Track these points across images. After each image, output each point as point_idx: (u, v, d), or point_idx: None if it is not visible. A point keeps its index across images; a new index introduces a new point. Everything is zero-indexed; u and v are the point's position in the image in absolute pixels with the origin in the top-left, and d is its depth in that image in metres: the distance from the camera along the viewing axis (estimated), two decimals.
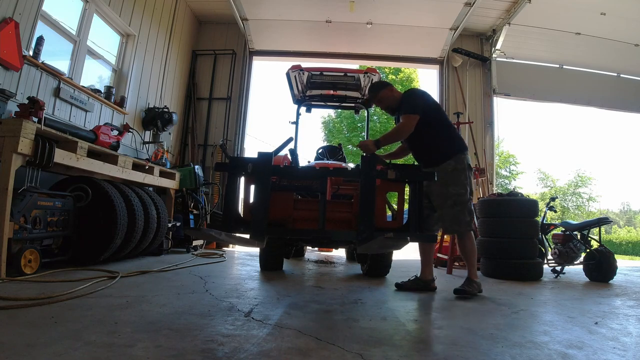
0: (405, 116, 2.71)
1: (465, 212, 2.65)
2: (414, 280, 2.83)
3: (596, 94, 7.16)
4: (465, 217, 2.65)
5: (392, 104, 2.95)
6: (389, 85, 3.00)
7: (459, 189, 2.66)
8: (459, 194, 2.66)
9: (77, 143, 2.90)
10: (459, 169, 2.69)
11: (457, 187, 2.66)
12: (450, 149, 2.76)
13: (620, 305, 2.56)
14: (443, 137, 2.79)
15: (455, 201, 2.65)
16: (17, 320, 1.51)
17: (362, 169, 2.52)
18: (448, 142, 2.78)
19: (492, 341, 1.58)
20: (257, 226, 2.40)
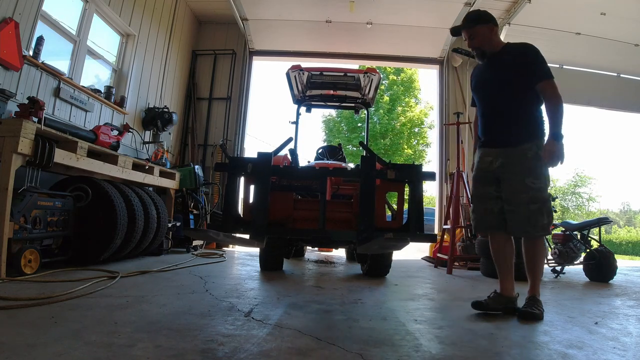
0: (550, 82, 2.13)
1: (544, 213, 2.10)
2: (494, 297, 2.19)
3: (596, 93, 7.16)
4: (543, 218, 2.09)
5: (485, 47, 2.31)
6: (491, 23, 2.35)
7: (539, 182, 2.10)
8: (538, 188, 2.10)
9: (77, 143, 2.90)
10: (541, 158, 2.11)
11: (537, 179, 2.10)
12: (538, 129, 2.18)
13: (620, 305, 2.56)
14: (534, 112, 2.20)
15: (532, 197, 2.09)
16: (17, 320, 1.51)
17: (361, 169, 2.53)
18: (538, 121, 2.19)
19: (492, 341, 1.58)
20: (257, 226, 2.41)
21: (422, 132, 17.82)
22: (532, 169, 2.11)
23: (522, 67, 2.17)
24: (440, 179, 6.62)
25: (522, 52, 2.21)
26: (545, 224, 2.11)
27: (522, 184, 2.11)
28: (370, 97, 4.49)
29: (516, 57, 2.20)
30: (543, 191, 2.11)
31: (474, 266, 4.31)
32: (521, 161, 2.13)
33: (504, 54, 2.25)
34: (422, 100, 18.54)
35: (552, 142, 2.06)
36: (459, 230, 4.94)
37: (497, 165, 2.21)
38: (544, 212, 2.10)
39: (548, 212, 2.12)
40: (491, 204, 2.24)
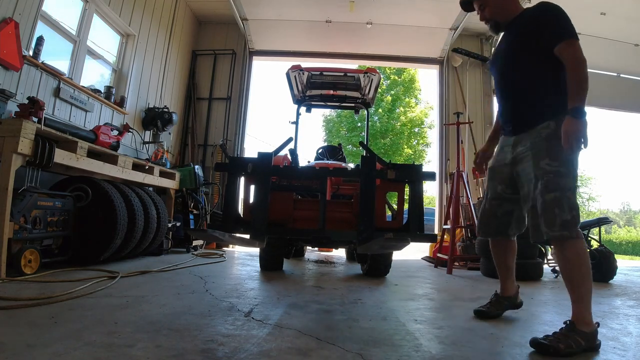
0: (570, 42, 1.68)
1: (564, 205, 1.61)
2: (495, 301, 2.06)
3: (596, 93, 7.10)
4: (563, 212, 1.60)
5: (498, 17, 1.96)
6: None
7: (557, 165, 1.65)
8: (557, 172, 1.64)
9: (77, 143, 2.90)
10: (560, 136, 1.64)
11: (555, 161, 1.66)
12: (557, 104, 1.72)
13: (620, 305, 2.56)
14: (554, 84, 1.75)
15: (547, 183, 1.64)
16: (17, 320, 1.51)
17: (362, 169, 2.53)
18: (558, 95, 1.73)
19: (492, 341, 1.58)
20: (257, 226, 2.41)
21: (422, 132, 17.84)
22: (547, 149, 1.68)
23: (536, 31, 1.76)
24: (440, 179, 6.63)
25: (536, 13, 1.80)
26: (568, 219, 1.59)
27: (536, 168, 1.69)
28: (370, 97, 4.49)
29: (530, 20, 1.81)
30: (563, 176, 1.63)
31: (474, 266, 4.31)
32: (536, 141, 1.73)
33: (518, 20, 1.88)
34: (422, 100, 18.58)
35: (570, 121, 1.60)
36: (459, 230, 4.94)
37: (509, 160, 1.87)
38: (563, 203, 1.60)
39: (571, 206, 1.61)
40: (496, 205, 1.97)
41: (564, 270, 1.65)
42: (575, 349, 1.45)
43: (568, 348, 1.44)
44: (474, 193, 5.67)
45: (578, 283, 1.61)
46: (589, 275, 1.61)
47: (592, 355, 1.45)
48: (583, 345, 1.47)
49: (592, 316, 1.56)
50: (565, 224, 1.60)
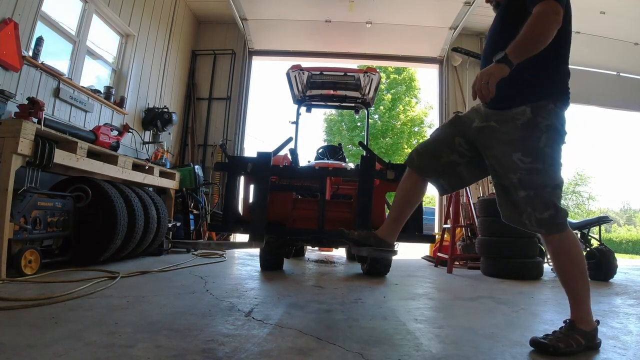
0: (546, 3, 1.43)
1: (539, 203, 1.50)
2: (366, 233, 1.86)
3: (596, 92, 7.15)
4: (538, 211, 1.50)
5: None
6: None
7: (531, 160, 1.51)
8: (529, 170, 1.51)
9: (77, 143, 2.90)
10: (539, 126, 1.51)
11: (528, 156, 1.52)
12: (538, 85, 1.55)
13: (620, 304, 2.56)
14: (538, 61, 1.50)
15: (520, 181, 1.52)
16: (18, 320, 1.51)
17: (361, 169, 2.53)
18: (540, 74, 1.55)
19: (492, 340, 1.58)
20: (256, 226, 2.41)
21: (422, 132, 17.84)
22: (521, 141, 1.53)
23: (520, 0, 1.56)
24: None
25: None
26: (545, 217, 1.50)
27: (509, 161, 1.55)
28: (370, 97, 4.49)
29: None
30: (539, 173, 1.51)
31: (474, 265, 4.31)
32: (510, 130, 1.55)
33: None
34: (422, 99, 18.59)
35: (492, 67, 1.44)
36: (459, 229, 4.94)
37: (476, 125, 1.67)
38: (539, 201, 1.50)
39: (548, 203, 1.50)
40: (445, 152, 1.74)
41: (556, 268, 1.62)
42: (576, 348, 1.43)
43: (568, 347, 1.43)
44: (473, 192, 5.67)
45: (572, 281, 1.57)
46: (581, 273, 1.56)
47: (592, 354, 1.45)
48: (583, 344, 1.45)
49: (591, 315, 1.53)
50: (540, 223, 1.51)
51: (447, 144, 1.75)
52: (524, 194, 1.53)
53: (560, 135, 1.56)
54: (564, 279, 1.59)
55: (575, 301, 1.55)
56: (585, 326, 1.49)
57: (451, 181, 1.81)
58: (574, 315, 1.54)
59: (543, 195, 1.51)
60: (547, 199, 1.51)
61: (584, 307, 1.54)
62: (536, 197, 1.51)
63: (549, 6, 1.44)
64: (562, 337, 1.46)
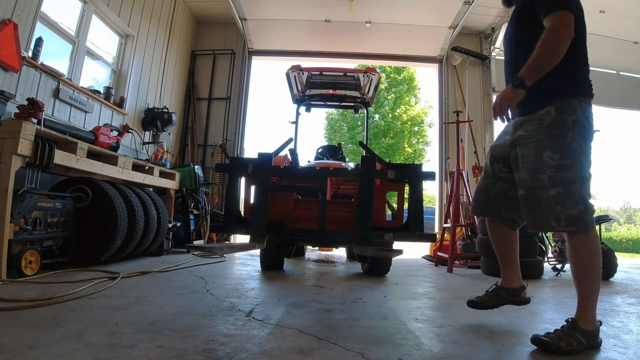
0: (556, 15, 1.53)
1: (569, 199, 1.52)
2: (492, 292, 1.89)
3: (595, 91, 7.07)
4: (568, 207, 1.52)
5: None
6: None
7: (561, 157, 1.54)
8: (559, 165, 1.54)
9: (77, 144, 2.90)
10: (565, 123, 1.57)
11: (557, 153, 1.55)
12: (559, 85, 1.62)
13: (620, 302, 2.56)
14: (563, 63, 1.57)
15: (551, 179, 1.54)
16: (18, 321, 1.51)
17: (361, 169, 2.53)
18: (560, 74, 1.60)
19: (493, 339, 1.58)
20: (257, 227, 2.41)
21: (422, 131, 17.85)
22: (550, 139, 1.56)
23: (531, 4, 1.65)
24: (441, 178, 6.63)
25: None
26: (574, 214, 1.50)
27: (539, 161, 1.56)
28: (370, 97, 4.49)
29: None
30: (567, 169, 1.53)
31: (475, 265, 4.31)
32: (537, 130, 1.59)
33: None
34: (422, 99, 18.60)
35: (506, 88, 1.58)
36: (460, 228, 4.94)
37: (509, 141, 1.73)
38: (568, 198, 1.51)
39: (577, 199, 1.51)
40: (490, 183, 1.84)
41: (573, 265, 1.58)
42: (577, 347, 1.43)
43: (569, 346, 1.42)
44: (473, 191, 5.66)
45: (586, 280, 1.54)
46: (597, 273, 1.54)
47: (592, 353, 1.45)
48: (585, 343, 1.44)
49: (595, 315, 1.52)
50: (570, 220, 1.51)
51: (490, 176, 1.85)
52: (554, 192, 1.53)
53: (587, 130, 1.60)
54: (579, 276, 1.55)
55: (582, 299, 1.53)
56: (587, 326, 1.48)
57: (510, 208, 1.81)
58: (578, 313, 1.52)
59: (572, 191, 1.53)
60: (576, 194, 1.53)
61: (590, 307, 1.52)
62: (565, 193, 1.53)
63: (559, 19, 1.52)
64: (563, 336, 1.45)
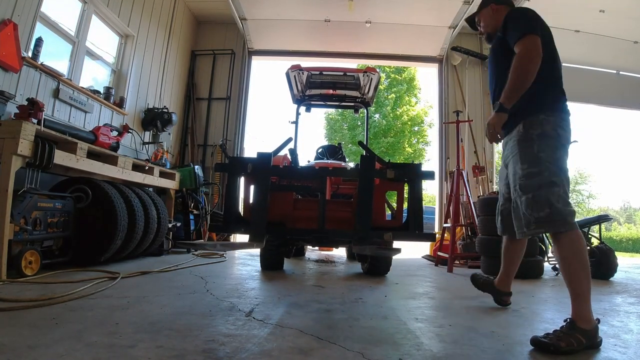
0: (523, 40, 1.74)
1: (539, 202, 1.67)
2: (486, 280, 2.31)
3: (595, 91, 7.15)
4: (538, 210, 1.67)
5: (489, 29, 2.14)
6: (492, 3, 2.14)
7: (529, 166, 1.72)
8: (528, 174, 1.72)
9: (77, 144, 2.90)
10: (531, 137, 1.74)
11: (525, 163, 1.73)
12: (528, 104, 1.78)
13: (621, 302, 2.56)
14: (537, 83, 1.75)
15: (522, 187, 1.74)
16: (18, 321, 1.51)
17: (361, 168, 2.52)
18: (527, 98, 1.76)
19: (493, 339, 1.58)
20: (257, 226, 2.41)
21: (422, 131, 17.84)
22: (519, 152, 1.77)
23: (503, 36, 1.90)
24: (441, 177, 6.63)
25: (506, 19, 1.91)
26: (541, 216, 1.65)
27: (514, 173, 1.81)
28: (370, 97, 4.49)
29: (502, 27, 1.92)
30: (534, 176, 1.70)
31: (475, 264, 4.31)
32: (513, 148, 1.82)
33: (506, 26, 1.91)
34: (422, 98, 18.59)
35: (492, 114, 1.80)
36: (459, 228, 4.94)
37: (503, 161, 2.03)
38: (535, 202, 1.67)
39: (544, 202, 1.65)
40: (501, 204, 2.12)
41: (560, 267, 1.68)
42: (577, 347, 1.45)
43: (569, 346, 1.44)
44: (473, 191, 5.67)
45: (574, 279, 1.62)
46: (584, 271, 1.61)
47: (593, 352, 1.45)
48: (584, 343, 1.47)
49: (591, 313, 1.56)
50: (539, 221, 1.67)
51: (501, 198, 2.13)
52: (524, 198, 1.73)
53: (556, 140, 1.73)
54: (566, 276, 1.64)
55: (575, 299, 1.59)
56: (585, 325, 1.51)
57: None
58: (574, 313, 1.57)
59: (540, 195, 1.68)
60: (543, 198, 1.67)
61: (585, 306, 1.56)
62: (533, 198, 1.70)
63: (527, 44, 1.74)
64: (562, 336, 1.47)
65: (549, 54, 1.81)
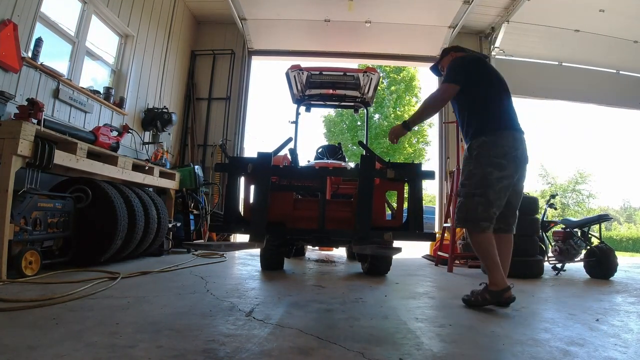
0: (441, 86, 2.37)
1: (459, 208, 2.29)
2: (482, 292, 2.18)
3: (595, 90, 7.16)
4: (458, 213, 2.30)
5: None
6: (452, 51, 2.64)
7: (463, 178, 2.31)
8: (461, 184, 2.33)
9: (77, 144, 2.90)
10: (470, 155, 2.30)
11: (462, 175, 2.33)
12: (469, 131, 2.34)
13: (621, 302, 2.56)
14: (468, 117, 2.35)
15: (458, 192, 2.36)
16: (19, 321, 1.52)
17: (361, 168, 2.52)
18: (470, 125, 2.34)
19: (493, 339, 1.58)
20: (257, 226, 2.41)
21: (422, 131, 17.83)
22: (463, 167, 2.37)
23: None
24: (441, 177, 6.63)
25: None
26: (460, 217, 2.28)
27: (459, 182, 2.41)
28: (370, 96, 4.49)
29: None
30: (464, 187, 2.29)
31: (475, 264, 4.31)
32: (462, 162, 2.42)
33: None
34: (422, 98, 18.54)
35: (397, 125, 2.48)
36: (460, 228, 4.93)
37: None
38: (460, 206, 2.29)
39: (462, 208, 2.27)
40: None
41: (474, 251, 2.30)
42: (482, 301, 2.13)
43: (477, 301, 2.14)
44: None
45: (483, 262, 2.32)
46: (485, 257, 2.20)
47: (593, 352, 1.46)
48: (488, 299, 2.11)
49: (501, 280, 2.12)
50: (459, 220, 2.29)
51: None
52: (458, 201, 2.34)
53: (487, 157, 2.20)
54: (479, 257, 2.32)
55: (488, 271, 2.19)
56: (493, 287, 2.12)
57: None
58: (488, 280, 2.17)
59: (462, 202, 2.28)
60: (464, 204, 2.27)
61: (492, 275, 2.14)
62: (460, 202, 2.30)
63: (441, 89, 2.38)
64: (477, 294, 2.16)
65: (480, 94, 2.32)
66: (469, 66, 2.39)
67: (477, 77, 2.36)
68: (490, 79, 2.40)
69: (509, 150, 2.21)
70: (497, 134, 2.24)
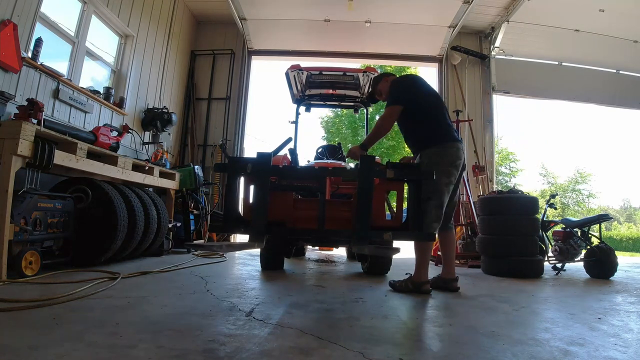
0: (386, 108, 2.67)
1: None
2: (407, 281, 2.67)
3: (595, 90, 7.16)
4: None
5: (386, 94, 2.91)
6: (385, 76, 3.00)
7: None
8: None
9: (77, 144, 2.90)
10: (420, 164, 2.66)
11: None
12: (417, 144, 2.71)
13: (621, 301, 2.56)
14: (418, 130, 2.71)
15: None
16: (19, 322, 1.52)
17: (360, 168, 2.52)
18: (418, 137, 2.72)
19: (493, 339, 1.58)
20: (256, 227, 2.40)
21: None
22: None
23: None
24: None
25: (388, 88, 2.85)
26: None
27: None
28: None
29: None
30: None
31: (475, 264, 4.31)
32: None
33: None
34: None
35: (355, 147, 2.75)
36: (460, 228, 4.94)
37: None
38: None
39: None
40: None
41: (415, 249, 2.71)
42: (404, 288, 2.58)
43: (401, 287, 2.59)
44: (473, 191, 5.67)
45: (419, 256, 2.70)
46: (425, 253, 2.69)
47: (594, 351, 1.46)
48: (411, 287, 2.56)
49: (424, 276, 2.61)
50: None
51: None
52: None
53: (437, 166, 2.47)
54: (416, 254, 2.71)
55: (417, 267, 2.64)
56: (416, 279, 2.59)
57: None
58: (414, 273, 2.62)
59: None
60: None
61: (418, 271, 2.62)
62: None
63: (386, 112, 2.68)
64: (401, 282, 2.63)
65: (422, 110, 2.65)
66: (408, 86, 2.74)
67: (416, 96, 2.68)
68: (428, 95, 2.73)
69: (454, 160, 2.58)
70: (445, 146, 2.59)
